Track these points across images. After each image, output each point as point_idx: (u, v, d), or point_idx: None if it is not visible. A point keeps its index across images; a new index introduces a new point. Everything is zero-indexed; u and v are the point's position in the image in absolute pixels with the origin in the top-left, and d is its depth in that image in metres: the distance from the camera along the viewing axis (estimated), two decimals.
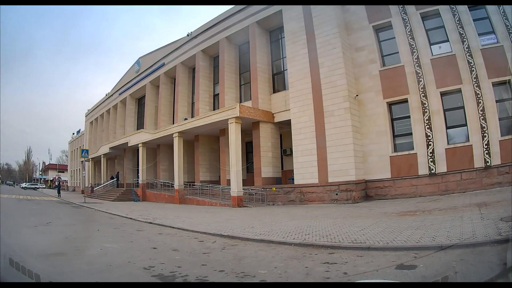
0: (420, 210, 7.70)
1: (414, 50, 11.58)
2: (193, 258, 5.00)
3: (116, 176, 24.73)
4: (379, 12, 12.53)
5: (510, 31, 10.10)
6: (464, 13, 10.91)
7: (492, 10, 10.61)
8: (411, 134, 11.46)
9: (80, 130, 40.11)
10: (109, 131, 29.64)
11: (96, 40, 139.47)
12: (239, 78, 17.41)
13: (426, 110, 11.14)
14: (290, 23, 13.99)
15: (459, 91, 10.77)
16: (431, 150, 10.93)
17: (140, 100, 26.49)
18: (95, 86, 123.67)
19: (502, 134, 10.00)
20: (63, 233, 7.52)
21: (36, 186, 44.49)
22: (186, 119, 17.68)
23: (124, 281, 3.81)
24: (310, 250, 5.02)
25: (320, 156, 12.19)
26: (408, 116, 11.60)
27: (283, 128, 15.03)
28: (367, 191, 12.06)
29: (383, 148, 11.87)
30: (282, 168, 15.33)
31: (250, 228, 7.18)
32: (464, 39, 10.75)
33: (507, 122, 10.05)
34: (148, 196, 19.39)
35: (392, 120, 12.12)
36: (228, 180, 14.27)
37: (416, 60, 11.50)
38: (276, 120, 14.70)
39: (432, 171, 10.86)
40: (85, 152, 23.20)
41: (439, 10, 11.36)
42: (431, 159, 10.90)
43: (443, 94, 11.09)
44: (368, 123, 12.27)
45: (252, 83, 15.41)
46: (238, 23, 16.27)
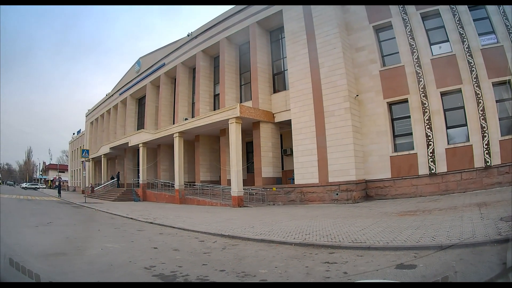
0: (420, 210, 7.71)
1: (414, 50, 11.58)
2: (193, 258, 5.01)
3: (116, 176, 24.75)
4: (379, 12, 12.54)
5: (510, 31, 10.10)
6: (464, 13, 10.92)
7: (492, 10, 10.62)
8: (411, 134, 11.47)
9: (80, 130, 40.09)
10: (109, 131, 29.65)
11: (96, 40, 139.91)
12: (239, 78, 17.41)
13: (426, 110, 11.15)
14: (290, 23, 14.00)
15: (459, 91, 10.78)
16: (431, 150, 10.94)
17: (140, 100, 26.49)
18: (95, 86, 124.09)
19: (502, 134, 10.01)
20: (63, 233, 7.52)
21: (36, 186, 44.53)
22: (186, 119, 17.68)
23: (125, 281, 3.82)
24: (310, 250, 5.04)
25: (320, 156, 12.21)
26: (408, 116, 11.60)
27: (284, 128, 15.03)
28: (367, 191, 12.07)
29: (383, 148, 11.88)
30: (283, 168, 15.33)
31: (251, 228, 7.19)
32: (464, 39, 10.76)
33: (507, 122, 10.06)
34: (148, 196, 19.40)
35: (392, 120, 12.13)
36: (228, 180, 14.29)
37: (416, 60, 11.50)
38: (277, 120, 14.71)
39: (432, 171, 10.87)
40: (85, 152, 23.15)
41: (439, 10, 11.37)
42: (431, 159, 10.91)
43: (443, 94, 11.10)
44: (368, 123, 12.28)
45: (253, 83, 15.42)
46: (238, 23, 16.28)
